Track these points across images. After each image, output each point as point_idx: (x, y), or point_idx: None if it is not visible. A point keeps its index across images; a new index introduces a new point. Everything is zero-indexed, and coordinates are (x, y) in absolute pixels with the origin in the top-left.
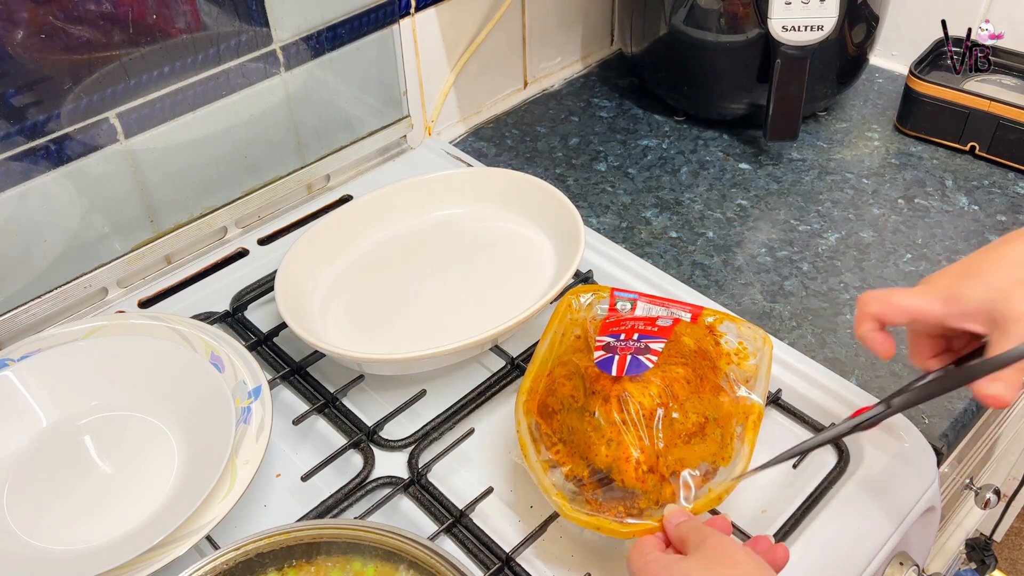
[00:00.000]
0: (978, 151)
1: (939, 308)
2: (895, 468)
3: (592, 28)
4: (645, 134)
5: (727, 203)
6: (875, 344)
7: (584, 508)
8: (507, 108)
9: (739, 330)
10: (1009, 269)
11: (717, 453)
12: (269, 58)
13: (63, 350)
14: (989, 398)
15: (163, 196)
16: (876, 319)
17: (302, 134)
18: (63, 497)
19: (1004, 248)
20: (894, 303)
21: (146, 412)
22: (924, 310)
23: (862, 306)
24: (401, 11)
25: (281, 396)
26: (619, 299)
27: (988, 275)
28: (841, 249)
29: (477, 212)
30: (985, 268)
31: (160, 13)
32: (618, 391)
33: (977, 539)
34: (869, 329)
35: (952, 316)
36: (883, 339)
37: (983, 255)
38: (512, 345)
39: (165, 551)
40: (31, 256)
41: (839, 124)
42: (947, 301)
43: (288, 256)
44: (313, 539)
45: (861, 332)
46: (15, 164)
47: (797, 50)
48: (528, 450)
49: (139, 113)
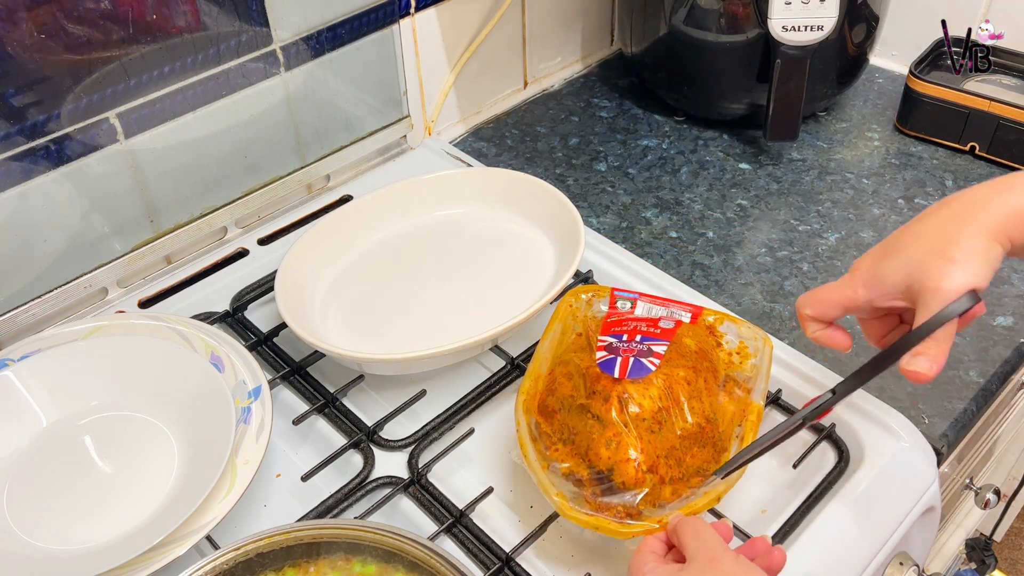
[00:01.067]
0: (978, 151)
1: (863, 293)
2: (895, 468)
3: (592, 28)
4: (645, 134)
5: (727, 203)
6: (828, 340)
7: (583, 508)
8: (507, 108)
9: (739, 330)
10: (924, 240)
11: (716, 454)
12: (269, 58)
13: (63, 350)
14: (910, 374)
15: (163, 196)
16: (814, 319)
17: (302, 134)
18: (63, 497)
19: (921, 222)
20: (823, 299)
21: (146, 412)
22: (851, 298)
23: (799, 310)
24: (401, 11)
25: (281, 396)
26: (619, 298)
27: (904, 250)
28: (841, 249)
29: (477, 212)
30: (903, 243)
31: (160, 13)
32: (619, 391)
33: (977, 539)
34: (816, 329)
35: (877, 298)
36: (833, 334)
37: (902, 231)
38: (512, 345)
39: (165, 551)
40: (31, 256)
41: (839, 124)
42: (868, 285)
43: (288, 256)
44: (313, 539)
45: (810, 334)
46: (15, 164)
47: (797, 50)
48: (528, 450)
49: (139, 113)
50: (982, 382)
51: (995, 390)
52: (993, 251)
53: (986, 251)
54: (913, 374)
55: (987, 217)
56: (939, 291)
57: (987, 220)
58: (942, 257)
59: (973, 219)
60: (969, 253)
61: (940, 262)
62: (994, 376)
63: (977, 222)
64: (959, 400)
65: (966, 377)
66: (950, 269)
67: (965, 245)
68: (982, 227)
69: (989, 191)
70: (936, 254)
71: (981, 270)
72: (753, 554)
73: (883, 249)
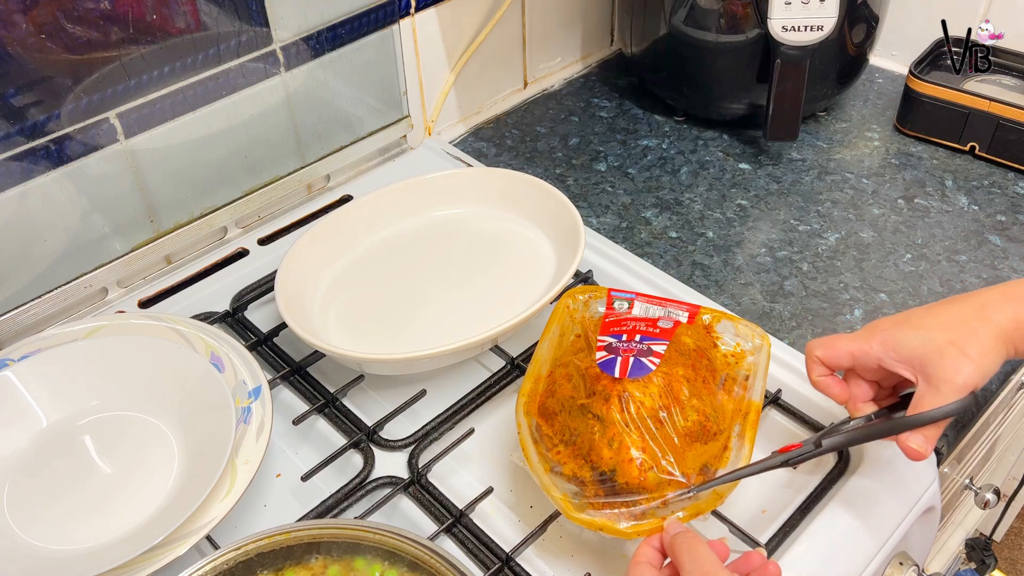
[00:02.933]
0: (978, 151)
1: (877, 350)
2: (895, 468)
3: (592, 28)
4: (645, 134)
5: (727, 203)
6: (828, 388)
7: (587, 509)
8: (507, 108)
9: (736, 329)
10: (946, 327)
11: (717, 453)
12: (269, 58)
13: (63, 350)
14: (910, 450)
15: (163, 196)
16: (822, 363)
17: (302, 134)
18: (63, 497)
19: (946, 306)
20: (837, 347)
21: (146, 412)
22: (864, 350)
23: (809, 351)
24: (401, 11)
25: (281, 396)
26: (616, 298)
27: (926, 328)
28: (841, 249)
29: (477, 212)
30: (925, 321)
31: (160, 13)
32: (619, 391)
33: (977, 539)
34: (819, 375)
35: (887, 359)
36: (835, 383)
37: (926, 309)
38: (512, 345)
39: (165, 551)
40: (31, 256)
41: (839, 124)
42: (885, 344)
43: (288, 256)
44: (313, 539)
45: (813, 379)
46: (15, 164)
47: (797, 50)
48: (529, 452)
49: (139, 113)
50: None
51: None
52: (1000, 355)
53: (996, 354)
54: (914, 451)
55: (1002, 322)
56: (953, 383)
57: (1002, 325)
58: (961, 352)
59: (991, 322)
60: (982, 353)
61: (959, 355)
62: (994, 376)
63: (994, 326)
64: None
65: None
66: (966, 365)
67: (981, 346)
68: (998, 332)
69: (1002, 298)
70: (956, 346)
71: (988, 370)
72: (748, 568)
73: (906, 319)
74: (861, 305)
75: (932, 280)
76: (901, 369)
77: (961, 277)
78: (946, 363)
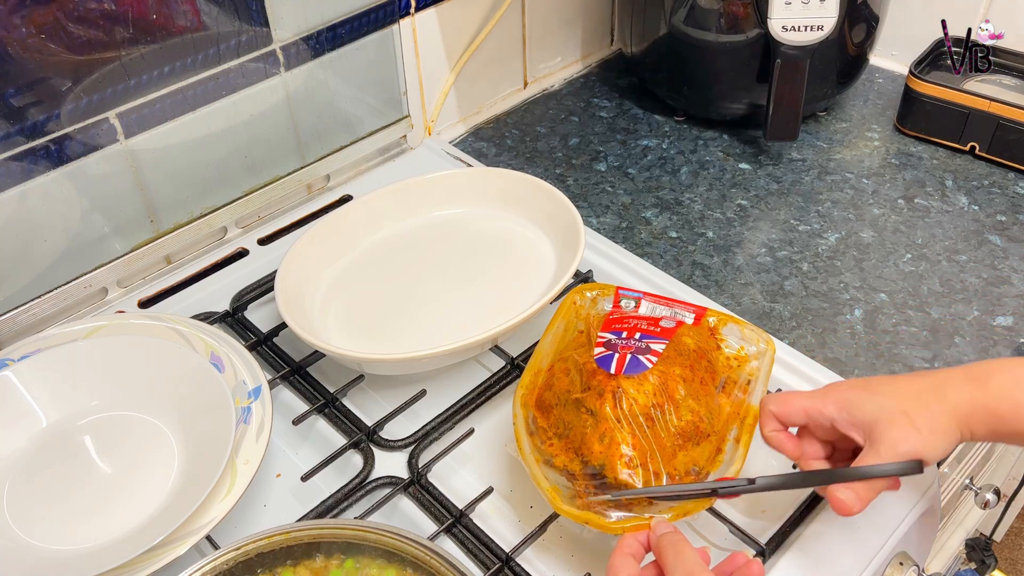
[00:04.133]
0: (978, 151)
1: (831, 410)
2: None
3: (592, 28)
4: (645, 134)
5: (727, 203)
6: (781, 444)
7: (576, 502)
8: (507, 108)
9: (742, 332)
10: (902, 397)
11: (710, 455)
12: (269, 58)
13: (63, 350)
14: (837, 501)
15: (163, 196)
16: (776, 418)
17: (302, 134)
18: (63, 497)
19: (908, 378)
20: (792, 403)
21: (146, 412)
22: (818, 408)
23: (763, 406)
24: (401, 11)
25: (281, 396)
26: (623, 297)
27: (883, 396)
28: (841, 249)
29: (477, 212)
30: (884, 389)
31: (160, 13)
32: (613, 387)
33: (977, 539)
34: (772, 430)
35: (840, 420)
36: (787, 439)
37: (888, 378)
38: (512, 345)
39: (165, 551)
40: (31, 256)
41: (839, 124)
42: (839, 406)
43: (288, 256)
44: (313, 539)
45: (765, 433)
46: (15, 164)
47: (797, 50)
48: (523, 443)
49: (139, 113)
50: None
51: None
52: (953, 435)
53: (947, 432)
54: (840, 503)
55: (958, 402)
56: (893, 448)
57: (958, 405)
58: (910, 422)
59: (946, 400)
60: (931, 429)
61: (906, 425)
62: None
63: (949, 404)
64: None
65: None
66: (911, 436)
67: (932, 421)
68: (952, 411)
69: (963, 377)
70: (906, 416)
71: (936, 447)
72: (731, 568)
73: (865, 384)
74: (861, 305)
75: (932, 280)
76: (852, 432)
77: (961, 277)
78: (893, 431)
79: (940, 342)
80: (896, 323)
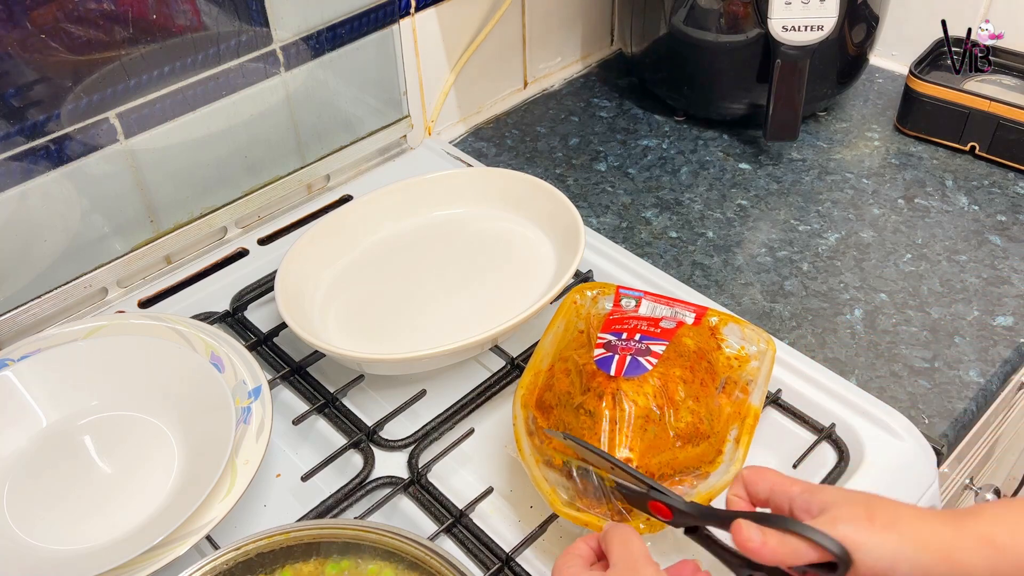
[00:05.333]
0: (978, 151)
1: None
2: (895, 468)
3: (592, 28)
4: (645, 134)
5: (727, 203)
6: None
7: (575, 504)
8: (507, 108)
9: (743, 332)
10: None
11: (710, 456)
12: (269, 58)
13: (63, 350)
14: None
15: (163, 196)
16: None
17: (302, 134)
18: (63, 497)
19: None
20: (762, 472)
21: (146, 412)
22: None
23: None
24: (401, 11)
25: (281, 396)
26: (624, 296)
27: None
28: (841, 249)
29: (477, 212)
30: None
31: (160, 13)
32: (612, 389)
33: None
34: (734, 493)
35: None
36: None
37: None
38: (512, 345)
39: (165, 551)
40: (31, 256)
41: (839, 124)
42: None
43: (288, 256)
44: (313, 539)
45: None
46: (15, 164)
47: (797, 50)
48: (523, 444)
49: (139, 113)
50: (982, 382)
51: (995, 390)
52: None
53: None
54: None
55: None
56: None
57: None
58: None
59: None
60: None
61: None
62: (994, 376)
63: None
64: (959, 400)
65: (966, 377)
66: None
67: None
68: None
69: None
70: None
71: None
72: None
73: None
74: (861, 305)
75: (932, 280)
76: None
77: (961, 277)
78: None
79: (940, 342)
80: (896, 323)
